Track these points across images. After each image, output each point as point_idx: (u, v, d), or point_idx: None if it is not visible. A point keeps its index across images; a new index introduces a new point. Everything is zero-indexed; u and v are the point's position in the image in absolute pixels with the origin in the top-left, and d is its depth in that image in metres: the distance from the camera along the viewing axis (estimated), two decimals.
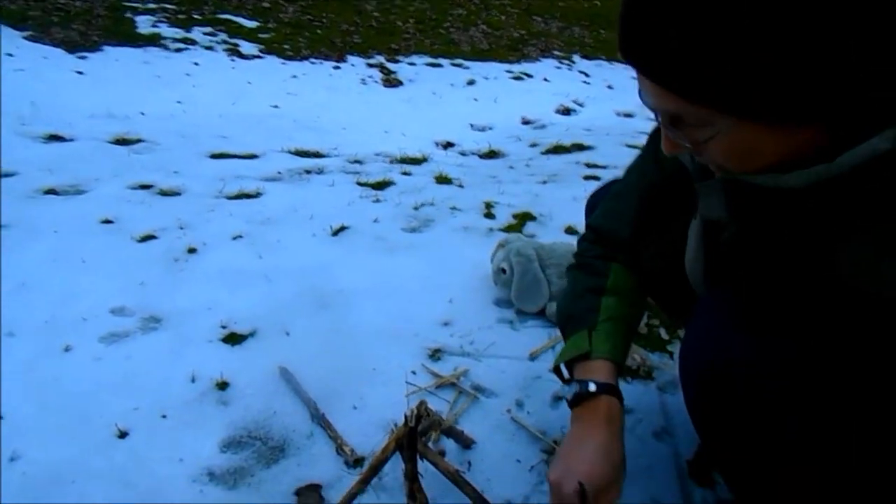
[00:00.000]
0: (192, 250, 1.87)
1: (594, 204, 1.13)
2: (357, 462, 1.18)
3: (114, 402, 1.30)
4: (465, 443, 1.20)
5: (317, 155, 2.94)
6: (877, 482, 0.67)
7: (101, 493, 1.11)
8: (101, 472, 1.15)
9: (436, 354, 1.44)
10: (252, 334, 1.50)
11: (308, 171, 2.68)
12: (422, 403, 0.94)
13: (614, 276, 1.03)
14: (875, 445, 0.66)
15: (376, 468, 0.97)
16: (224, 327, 1.51)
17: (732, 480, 0.87)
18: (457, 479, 1.02)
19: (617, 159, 2.74)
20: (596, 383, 0.92)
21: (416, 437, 0.91)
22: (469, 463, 1.16)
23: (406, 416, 0.92)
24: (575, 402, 0.94)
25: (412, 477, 0.93)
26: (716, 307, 0.75)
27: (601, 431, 0.89)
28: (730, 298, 0.74)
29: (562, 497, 0.84)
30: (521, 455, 1.20)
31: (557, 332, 1.52)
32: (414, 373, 1.38)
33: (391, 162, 2.83)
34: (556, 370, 1.04)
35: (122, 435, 1.24)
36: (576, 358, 0.98)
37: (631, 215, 0.97)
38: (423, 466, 0.98)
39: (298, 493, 1.13)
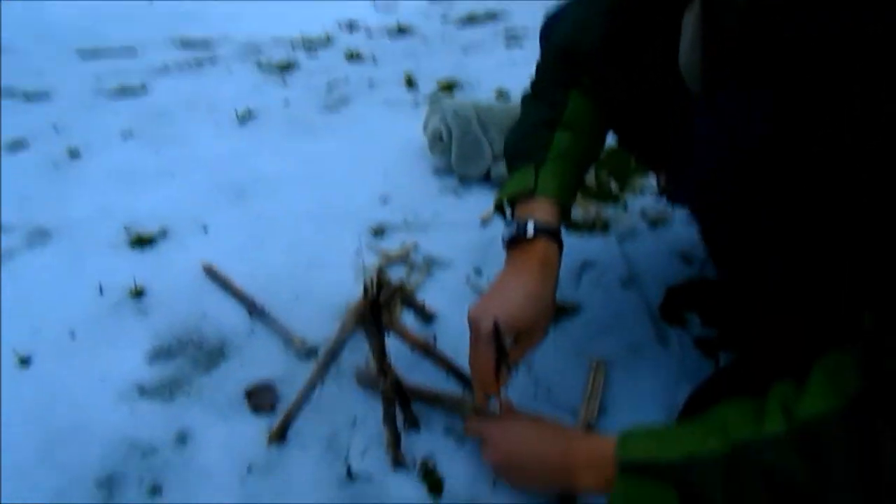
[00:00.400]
0: (73, 153, 1.60)
1: (551, 25, 0.99)
2: (310, 353, 1.05)
3: (7, 327, 1.10)
4: (426, 316, 1.09)
5: (205, 44, 2.58)
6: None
7: (16, 432, 0.94)
8: (9, 409, 0.97)
9: (378, 232, 1.31)
10: (162, 234, 1.30)
11: (199, 62, 2.36)
12: (381, 271, 0.81)
13: (573, 105, 0.91)
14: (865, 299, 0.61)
15: (336, 351, 0.85)
16: (128, 229, 1.30)
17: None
18: (429, 350, 0.92)
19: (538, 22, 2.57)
20: (536, 225, 0.84)
21: (379, 307, 0.79)
22: (434, 337, 1.06)
23: (366, 286, 0.79)
24: (511, 243, 0.86)
25: (380, 353, 0.82)
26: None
27: (532, 275, 0.83)
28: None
29: (478, 335, 0.80)
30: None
31: None
32: (357, 253, 1.24)
33: (292, 45, 2.54)
34: (499, 207, 0.93)
35: (24, 361, 1.05)
36: (518, 195, 0.88)
37: (601, 21, 0.83)
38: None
39: (249, 394, 1.00)
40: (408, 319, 1.07)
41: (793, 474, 0.59)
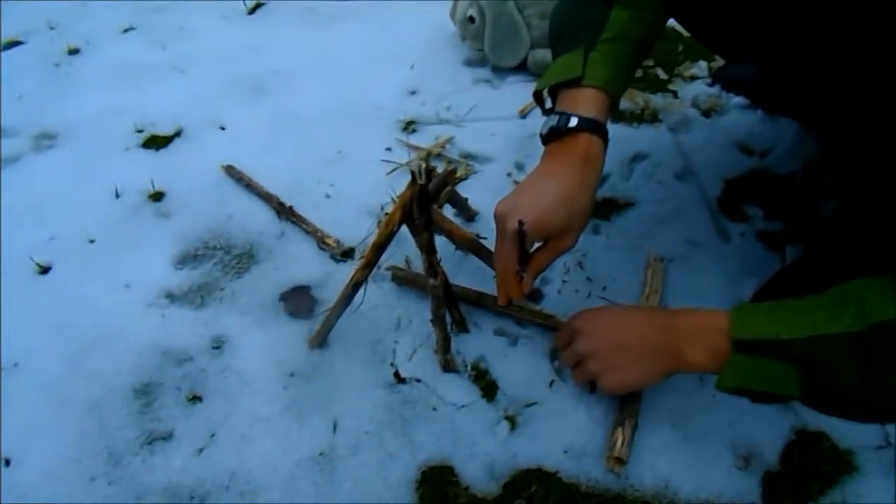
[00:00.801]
0: (73, 51, 1.48)
1: None
2: (346, 254, 0.98)
3: (21, 235, 1.03)
4: (468, 214, 1.01)
5: None
6: None
7: (41, 343, 0.89)
8: (29, 318, 0.92)
9: (410, 127, 1.20)
10: (178, 134, 1.21)
11: None
12: (428, 154, 0.71)
13: None
14: None
15: (381, 246, 0.78)
16: (140, 131, 1.21)
17: None
18: (478, 248, 0.84)
19: None
20: (579, 117, 0.74)
21: (428, 197, 0.71)
22: (477, 235, 0.98)
23: (414, 174, 0.70)
24: (550, 137, 0.77)
25: (430, 248, 0.74)
26: None
27: (570, 174, 0.74)
28: None
29: (503, 233, 0.74)
30: None
31: None
32: (389, 149, 1.15)
33: None
34: (538, 97, 0.83)
35: (44, 270, 0.99)
36: (563, 83, 0.77)
37: None
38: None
39: (284, 297, 0.94)
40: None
41: None
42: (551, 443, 0.79)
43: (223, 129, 1.21)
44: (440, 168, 1.09)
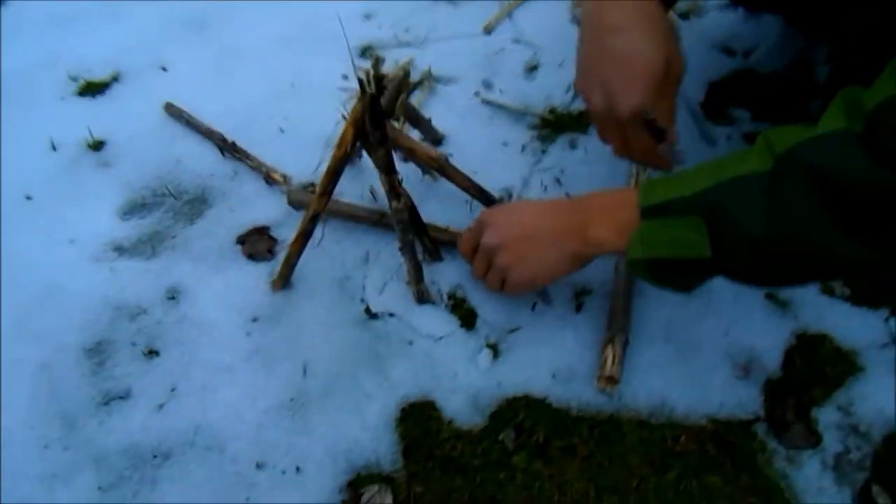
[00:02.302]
0: None
1: None
2: (304, 188, 0.91)
3: None
4: (435, 137, 0.94)
5: None
6: None
7: None
8: None
9: (367, 52, 1.11)
10: (116, 79, 1.11)
11: None
12: (376, 59, 0.63)
13: None
14: None
15: (335, 171, 0.70)
16: (75, 79, 1.11)
17: None
18: (444, 167, 0.77)
19: None
20: None
21: (381, 109, 0.63)
22: (446, 157, 0.91)
23: (361, 82, 0.62)
24: None
25: (387, 166, 0.67)
26: None
27: (630, 7, 0.63)
28: None
29: (620, 125, 0.67)
30: (505, 137, 0.96)
31: None
32: (345, 77, 1.06)
33: None
34: None
35: None
36: None
37: None
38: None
39: (241, 240, 0.87)
40: None
41: (854, 171, 0.47)
42: (538, 368, 0.74)
43: (165, 69, 1.11)
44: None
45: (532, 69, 1.06)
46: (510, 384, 0.73)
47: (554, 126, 0.96)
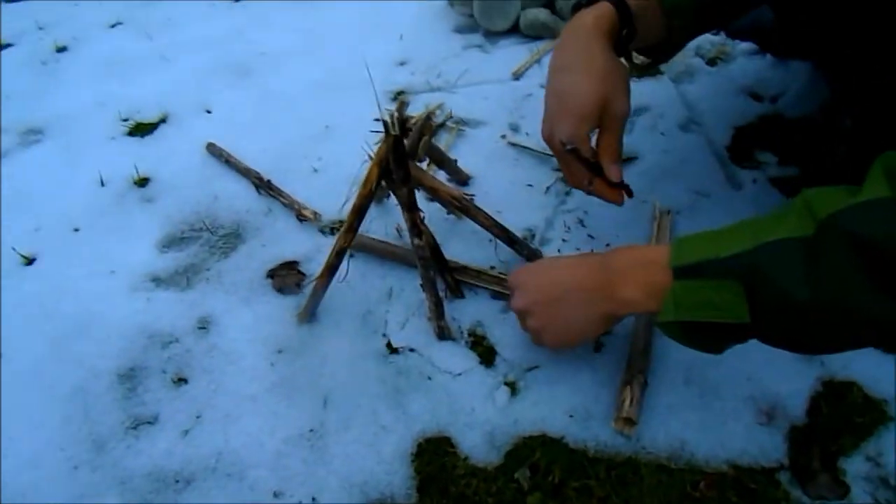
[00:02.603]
0: (61, 49, 1.46)
1: None
2: (334, 229, 0.94)
3: (5, 228, 1.01)
4: (461, 178, 0.96)
5: None
6: None
7: (24, 329, 0.86)
8: (13, 307, 0.90)
9: (399, 97, 1.16)
10: (164, 120, 1.18)
11: None
12: (401, 103, 0.67)
13: None
14: None
15: (361, 208, 0.73)
16: (126, 120, 1.18)
17: None
18: (466, 206, 0.79)
19: None
20: None
21: (404, 149, 0.66)
22: (471, 197, 0.93)
23: (386, 123, 0.65)
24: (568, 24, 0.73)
25: (409, 203, 0.70)
26: None
27: (579, 48, 0.69)
28: None
29: (558, 155, 0.73)
30: (530, 179, 0.98)
31: (538, 45, 1.24)
32: (378, 120, 1.10)
33: None
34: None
35: (29, 261, 0.96)
36: None
37: None
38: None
39: (271, 274, 0.90)
40: None
41: None
42: (555, 407, 0.73)
43: (209, 112, 1.18)
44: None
45: None
46: (527, 422, 0.73)
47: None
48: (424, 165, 0.93)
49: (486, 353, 0.78)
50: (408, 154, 0.68)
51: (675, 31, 0.76)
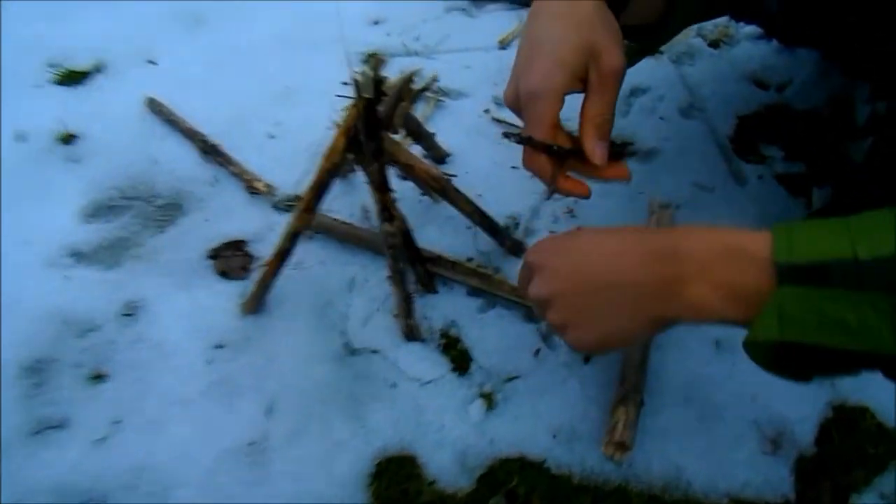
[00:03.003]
0: None
1: None
2: (290, 205, 0.82)
3: None
4: (439, 154, 0.85)
5: None
6: None
7: None
8: None
9: (373, 57, 1.03)
10: (99, 69, 1.02)
11: None
12: (376, 60, 0.55)
13: None
14: None
15: (321, 185, 0.62)
16: (54, 66, 1.02)
17: None
18: (446, 188, 0.68)
19: None
20: None
21: (377, 116, 0.55)
22: (448, 178, 0.82)
23: (358, 84, 0.54)
24: None
25: (381, 184, 0.58)
26: None
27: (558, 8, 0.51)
28: None
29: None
30: (515, 161, 0.87)
31: (526, 13, 1.12)
32: (345, 83, 0.97)
33: None
34: None
35: None
36: None
37: None
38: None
39: (214, 255, 0.78)
40: None
41: None
42: (537, 425, 0.64)
43: (153, 63, 1.03)
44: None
45: None
46: (504, 442, 0.63)
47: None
48: (400, 138, 0.81)
49: (459, 359, 0.69)
50: (382, 123, 0.57)
51: (677, 7, 0.63)
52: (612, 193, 0.83)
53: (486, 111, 0.94)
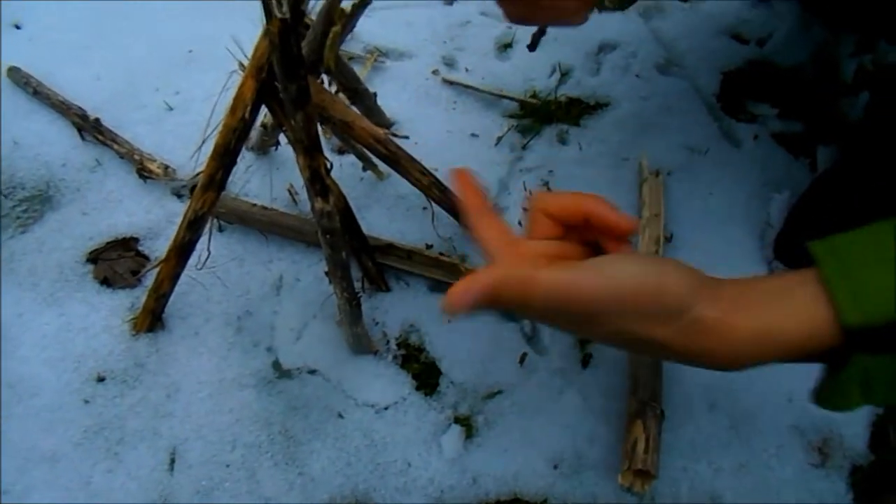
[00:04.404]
0: None
1: None
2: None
3: None
4: (380, 122, 0.69)
5: None
6: None
7: None
8: None
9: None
10: None
11: None
12: None
13: None
14: None
15: (227, 149, 0.45)
16: None
17: None
18: (394, 154, 0.53)
19: None
20: None
21: (298, 47, 0.39)
22: (392, 134, 0.67)
23: (267, 4, 0.38)
24: None
25: (309, 143, 0.42)
26: None
27: None
28: None
29: None
30: (474, 127, 0.73)
31: None
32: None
33: None
34: None
35: None
36: None
37: None
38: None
39: (95, 258, 0.59)
40: None
41: None
42: (530, 454, 0.49)
43: (18, 27, 0.83)
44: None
45: (505, 47, 0.83)
46: (491, 480, 0.48)
47: (538, 115, 0.74)
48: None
49: (424, 374, 0.53)
50: (303, 57, 0.40)
51: None
52: (592, 161, 0.70)
53: (435, 72, 0.79)
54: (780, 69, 0.86)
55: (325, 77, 0.54)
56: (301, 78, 0.40)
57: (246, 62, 0.45)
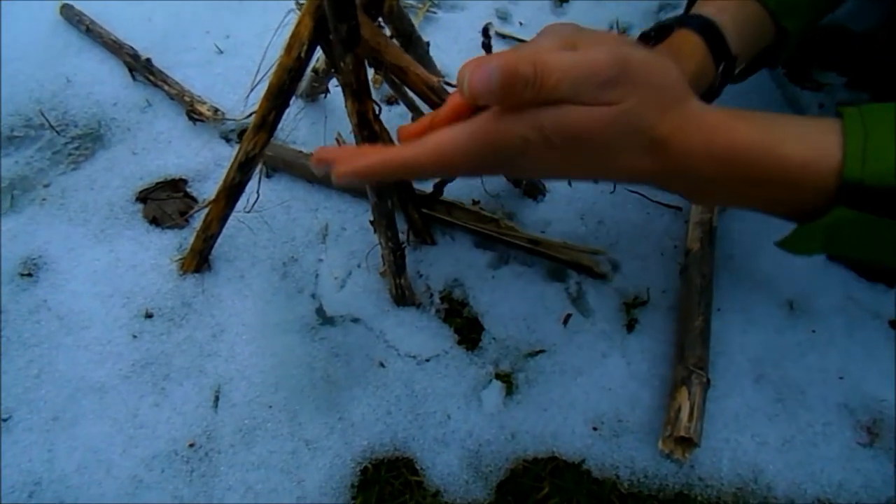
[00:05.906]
0: None
1: None
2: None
3: None
4: (432, 74, 0.68)
5: None
6: None
7: None
8: None
9: None
10: None
11: None
12: None
13: None
14: None
15: (280, 90, 0.44)
16: None
17: None
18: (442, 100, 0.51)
19: None
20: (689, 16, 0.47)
21: None
22: (446, 82, 0.65)
23: None
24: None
25: (359, 87, 0.41)
26: None
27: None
28: None
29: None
30: None
31: None
32: None
33: None
34: None
35: None
36: None
37: None
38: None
39: (144, 198, 0.60)
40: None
41: None
42: (570, 414, 0.49)
43: None
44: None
45: (561, 2, 0.81)
46: (529, 437, 0.48)
47: None
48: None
49: (467, 329, 0.53)
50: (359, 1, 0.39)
51: (787, 33, 0.50)
52: None
53: (489, 26, 0.76)
54: (852, 35, 0.81)
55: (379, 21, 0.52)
56: (352, 17, 0.39)
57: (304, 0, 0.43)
